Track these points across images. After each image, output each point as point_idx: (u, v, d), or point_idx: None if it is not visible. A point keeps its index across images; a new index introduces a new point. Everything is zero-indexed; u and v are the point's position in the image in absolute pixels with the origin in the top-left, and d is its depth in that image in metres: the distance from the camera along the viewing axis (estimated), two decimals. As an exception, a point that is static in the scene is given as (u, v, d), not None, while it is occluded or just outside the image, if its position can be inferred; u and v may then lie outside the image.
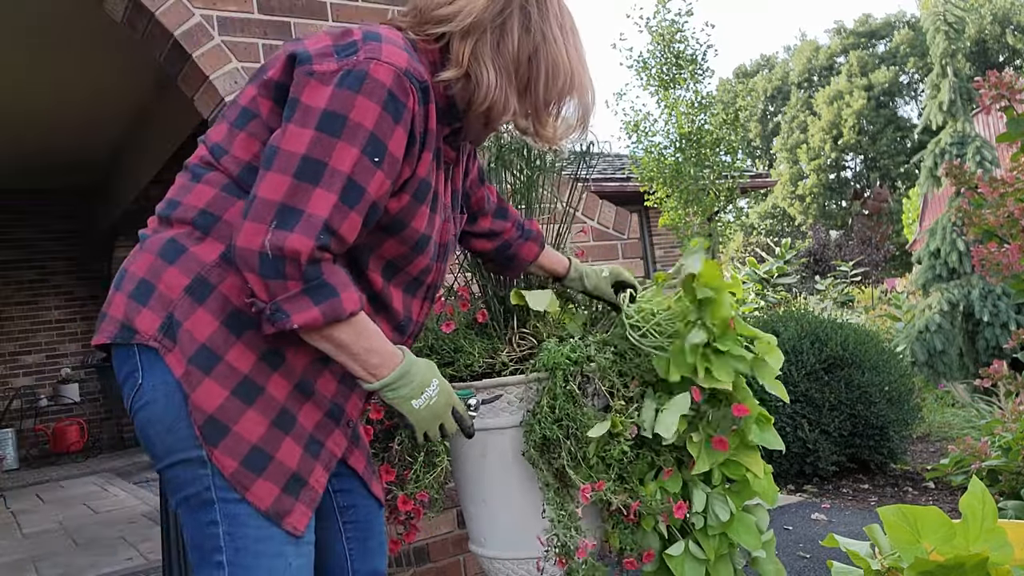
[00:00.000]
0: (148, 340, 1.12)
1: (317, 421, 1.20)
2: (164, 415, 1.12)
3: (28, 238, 8.22)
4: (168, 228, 1.19)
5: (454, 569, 2.49)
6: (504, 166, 1.92)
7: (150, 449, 1.15)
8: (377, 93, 1.10)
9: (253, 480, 1.12)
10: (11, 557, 3.83)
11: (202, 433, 1.10)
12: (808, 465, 3.75)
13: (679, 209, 9.74)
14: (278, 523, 1.13)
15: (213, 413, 1.10)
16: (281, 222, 1.05)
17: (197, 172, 1.20)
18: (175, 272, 1.14)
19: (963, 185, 3.27)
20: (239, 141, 1.18)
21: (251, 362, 1.13)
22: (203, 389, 1.11)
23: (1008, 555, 1.39)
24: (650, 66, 10.22)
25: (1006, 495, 3.01)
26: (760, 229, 36.83)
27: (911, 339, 6.55)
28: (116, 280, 1.20)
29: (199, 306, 1.12)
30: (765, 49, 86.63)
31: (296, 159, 1.07)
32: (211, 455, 1.10)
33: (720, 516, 1.59)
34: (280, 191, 1.06)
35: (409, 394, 1.20)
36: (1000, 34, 35.18)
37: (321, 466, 1.20)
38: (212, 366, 1.11)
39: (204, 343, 1.11)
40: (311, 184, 1.07)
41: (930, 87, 7.30)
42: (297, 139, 1.08)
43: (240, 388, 1.12)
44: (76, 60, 5.08)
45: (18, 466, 7.55)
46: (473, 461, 1.69)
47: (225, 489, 1.11)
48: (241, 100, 1.21)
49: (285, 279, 1.06)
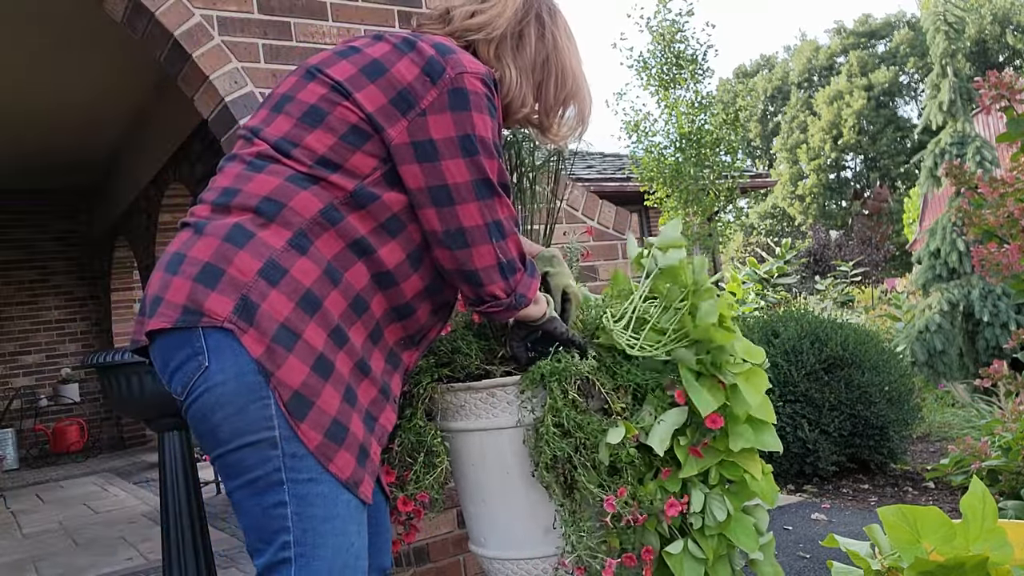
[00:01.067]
0: (222, 322, 1.13)
1: (373, 397, 1.27)
2: (235, 396, 1.13)
3: (28, 238, 8.22)
4: (227, 215, 1.21)
5: (454, 569, 2.49)
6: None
7: (213, 433, 1.15)
8: (481, 104, 1.27)
9: (336, 451, 1.17)
10: (11, 557, 3.83)
11: (288, 408, 1.13)
12: (808, 465, 3.75)
13: (679, 209, 9.73)
14: (355, 492, 1.19)
15: (298, 388, 1.14)
16: (498, 235, 1.31)
17: (256, 163, 1.25)
18: (246, 256, 1.17)
19: (963, 185, 3.27)
20: (312, 136, 1.24)
21: (323, 340, 1.18)
22: (288, 365, 1.14)
23: (1008, 555, 1.39)
24: (650, 66, 10.22)
25: (1006, 495, 3.01)
26: (760, 229, 36.84)
27: (911, 339, 6.55)
28: (169, 265, 1.20)
29: (273, 288, 1.16)
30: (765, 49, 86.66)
31: (469, 186, 1.27)
32: (297, 429, 1.14)
33: (717, 516, 1.59)
34: (478, 215, 1.28)
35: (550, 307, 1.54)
36: (1000, 34, 35.18)
37: (376, 440, 1.27)
38: (293, 344, 1.15)
39: (283, 323, 1.15)
40: (489, 199, 1.29)
41: (930, 87, 7.30)
42: (457, 170, 1.25)
43: (318, 364, 1.17)
44: (76, 60, 5.08)
45: (18, 466, 7.55)
46: (472, 461, 1.69)
47: (296, 470, 1.14)
48: (303, 97, 1.27)
49: (516, 272, 1.35)
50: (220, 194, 1.24)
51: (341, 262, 1.23)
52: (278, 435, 1.13)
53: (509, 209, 1.32)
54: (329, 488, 1.16)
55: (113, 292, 7.93)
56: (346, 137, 1.23)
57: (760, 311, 6.88)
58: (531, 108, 1.47)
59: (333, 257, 1.22)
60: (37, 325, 8.15)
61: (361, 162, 1.23)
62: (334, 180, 1.22)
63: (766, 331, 4.03)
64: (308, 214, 1.20)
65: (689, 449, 1.58)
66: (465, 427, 1.67)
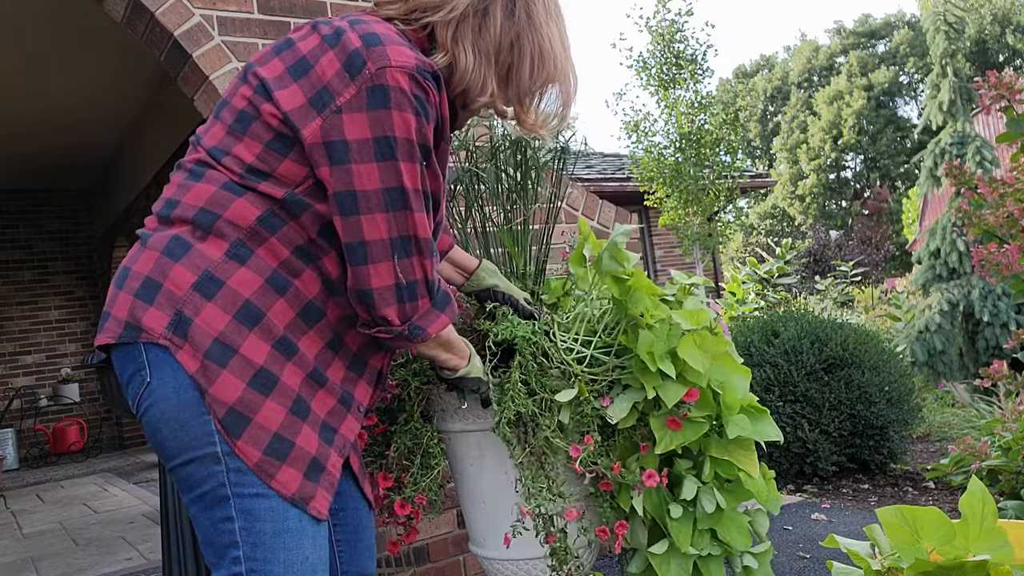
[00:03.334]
0: (157, 338, 1.12)
1: (330, 408, 1.22)
2: (176, 413, 1.12)
3: (28, 238, 8.22)
4: (169, 227, 1.19)
5: (454, 569, 2.49)
6: (497, 165, 1.91)
7: (161, 448, 1.15)
8: (405, 102, 1.14)
9: (278, 467, 1.14)
10: (11, 557, 3.83)
11: (223, 426, 1.11)
12: (808, 465, 3.75)
13: (679, 209, 9.74)
14: (304, 507, 1.15)
15: (233, 405, 1.12)
16: (403, 252, 1.16)
17: (195, 171, 1.21)
18: (181, 269, 1.14)
19: (963, 185, 3.27)
20: (240, 144, 1.19)
21: (264, 353, 1.15)
22: (221, 382, 1.11)
23: (1008, 555, 1.39)
24: (650, 66, 10.22)
25: (1006, 495, 3.01)
26: (760, 229, 36.85)
27: (911, 339, 6.55)
28: (118, 279, 1.19)
29: (208, 302, 1.13)
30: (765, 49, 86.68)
31: (379, 195, 1.14)
32: (234, 446, 1.11)
33: (706, 508, 1.57)
34: (383, 228, 1.15)
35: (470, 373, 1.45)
36: (1000, 34, 35.18)
37: (335, 452, 1.22)
38: (227, 359, 1.12)
39: (217, 337, 1.12)
40: (400, 210, 1.16)
41: (930, 87, 7.30)
42: (368, 176, 1.14)
43: (256, 379, 1.13)
44: (76, 60, 5.08)
45: (18, 466, 7.55)
46: (471, 462, 1.69)
47: (241, 484, 1.12)
48: (235, 102, 1.21)
49: (418, 299, 1.19)
50: (164, 205, 1.22)
51: (289, 269, 1.18)
52: (220, 450, 1.12)
53: (425, 227, 1.18)
54: (277, 502, 1.14)
55: (113, 292, 7.92)
56: (271, 144, 1.17)
57: (760, 311, 6.88)
58: (493, 95, 1.30)
59: (280, 264, 1.17)
60: (37, 325, 8.15)
61: (289, 170, 1.16)
62: (263, 189, 1.17)
63: (766, 331, 4.03)
64: (245, 223, 1.16)
65: (667, 421, 1.55)
66: (463, 428, 1.67)
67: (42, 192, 8.25)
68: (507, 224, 1.89)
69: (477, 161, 1.93)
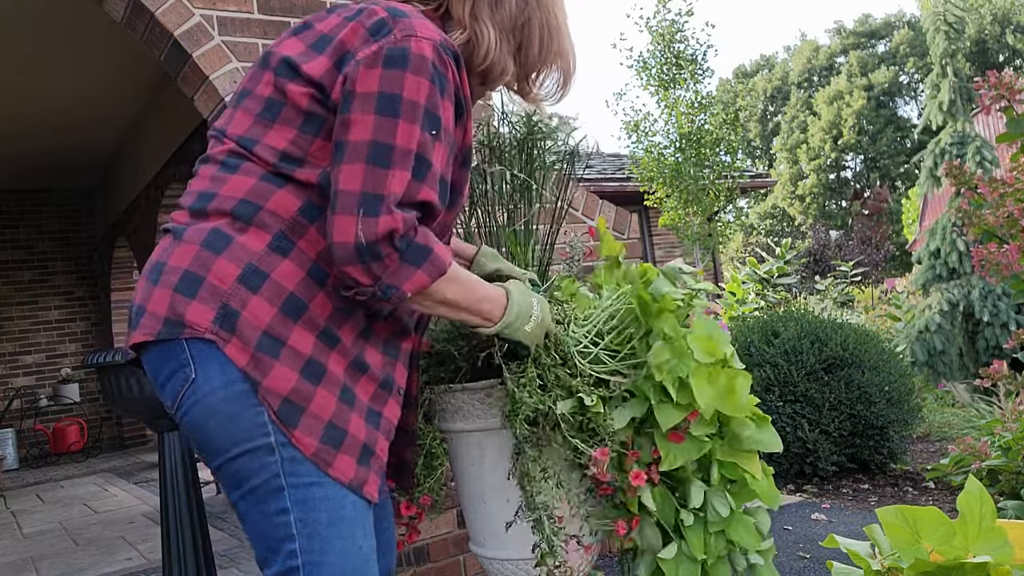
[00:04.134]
0: (203, 332, 1.10)
1: (372, 393, 1.22)
2: (225, 405, 1.10)
3: (28, 238, 8.22)
4: (205, 219, 1.17)
5: (454, 569, 2.49)
6: (504, 165, 1.91)
7: (210, 443, 1.13)
8: (424, 69, 1.12)
9: (334, 455, 1.14)
10: (11, 557, 3.83)
11: (279, 417, 1.11)
12: (808, 465, 3.75)
13: (679, 209, 9.74)
14: (360, 492, 1.16)
15: (288, 395, 1.11)
16: (368, 209, 1.08)
17: (229, 163, 1.19)
18: (224, 262, 1.13)
19: (963, 185, 3.27)
20: (271, 131, 1.17)
21: (311, 344, 1.14)
22: (275, 373, 1.11)
23: (1008, 555, 1.39)
24: (650, 66, 10.22)
25: (1006, 495, 3.01)
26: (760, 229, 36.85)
27: (911, 339, 6.55)
28: (151, 274, 1.17)
29: (254, 295, 1.12)
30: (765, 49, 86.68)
31: (365, 146, 1.10)
32: (292, 436, 1.11)
33: (720, 512, 1.57)
34: (358, 180, 1.09)
35: (521, 324, 1.35)
36: (1000, 34, 35.18)
37: (383, 436, 1.23)
38: (278, 351, 1.12)
39: (265, 330, 1.12)
40: (384, 167, 1.09)
41: (930, 87, 7.30)
42: (361, 127, 1.10)
43: (307, 369, 1.13)
44: (75, 60, 5.08)
45: (18, 466, 7.55)
46: (472, 461, 1.69)
47: (295, 474, 1.11)
48: (260, 90, 1.20)
49: (383, 257, 1.09)
50: (196, 198, 1.19)
51: (326, 260, 1.16)
52: (274, 440, 1.11)
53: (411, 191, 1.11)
54: (333, 491, 1.13)
55: (113, 292, 7.93)
56: (304, 128, 1.16)
57: (760, 311, 6.88)
58: (512, 74, 1.34)
59: (318, 256, 1.16)
60: (37, 325, 8.15)
61: (322, 148, 1.16)
62: (300, 176, 1.15)
63: (766, 331, 4.03)
64: (287, 214, 1.15)
65: (669, 435, 1.55)
66: (464, 428, 1.67)
67: (42, 192, 8.25)
68: (510, 225, 1.89)
69: (482, 160, 1.93)
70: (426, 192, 1.13)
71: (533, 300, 1.39)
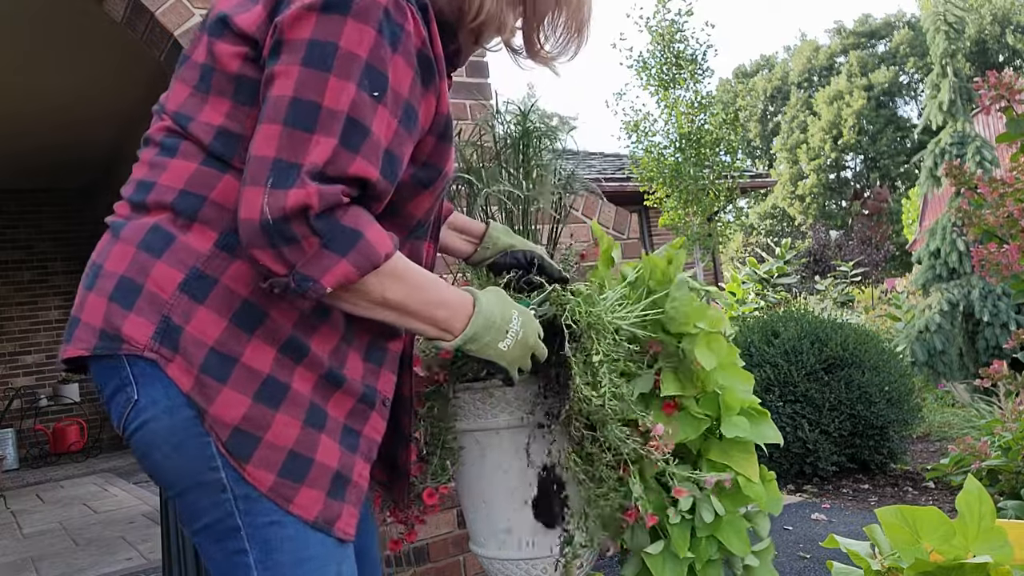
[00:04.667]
0: (142, 350, 0.95)
1: (350, 409, 1.05)
2: (170, 435, 0.95)
3: (28, 238, 8.22)
4: (144, 214, 1.00)
5: (454, 569, 2.49)
6: (502, 165, 1.91)
7: (157, 474, 0.99)
8: (371, 15, 0.91)
9: (296, 489, 0.97)
10: (11, 557, 3.83)
11: (228, 449, 0.95)
12: (808, 465, 3.75)
13: (679, 209, 9.74)
14: (329, 530, 0.99)
15: (238, 424, 0.95)
16: (278, 179, 0.87)
17: (168, 145, 1.01)
18: (164, 267, 0.96)
19: (963, 185, 3.27)
20: (207, 105, 0.99)
21: (270, 360, 0.98)
22: (223, 399, 0.95)
23: (1008, 555, 1.39)
24: (650, 66, 10.23)
25: (1006, 495, 3.01)
26: (760, 229, 36.85)
27: (911, 339, 6.55)
28: (87, 278, 1.01)
29: (199, 305, 0.96)
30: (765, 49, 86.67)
31: (285, 104, 0.89)
32: (243, 472, 0.95)
33: (705, 518, 1.57)
34: (273, 145, 0.89)
35: (493, 339, 1.08)
36: (1000, 34, 35.19)
37: (362, 458, 1.06)
38: (228, 372, 0.96)
39: (212, 347, 0.95)
40: (305, 131, 0.89)
41: (930, 87, 7.30)
42: (284, 82, 0.90)
43: (263, 391, 0.97)
44: (74, 60, 5.08)
45: (18, 466, 7.55)
46: (472, 461, 1.69)
47: (252, 513, 0.96)
48: (196, 55, 1.02)
49: (298, 241, 0.88)
50: (135, 188, 1.02)
51: None
52: (225, 477, 0.95)
53: (337, 161, 0.89)
54: (296, 530, 0.97)
55: (113, 292, 7.93)
56: (237, 97, 0.98)
57: (760, 311, 6.88)
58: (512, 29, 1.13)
59: None
60: (37, 325, 8.16)
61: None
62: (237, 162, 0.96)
63: (766, 331, 4.03)
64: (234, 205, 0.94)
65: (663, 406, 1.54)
66: (465, 427, 1.67)
67: (41, 192, 8.25)
68: (510, 225, 1.89)
69: (483, 160, 1.93)
70: (360, 165, 0.91)
71: (513, 312, 1.12)
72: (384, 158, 0.94)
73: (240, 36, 0.98)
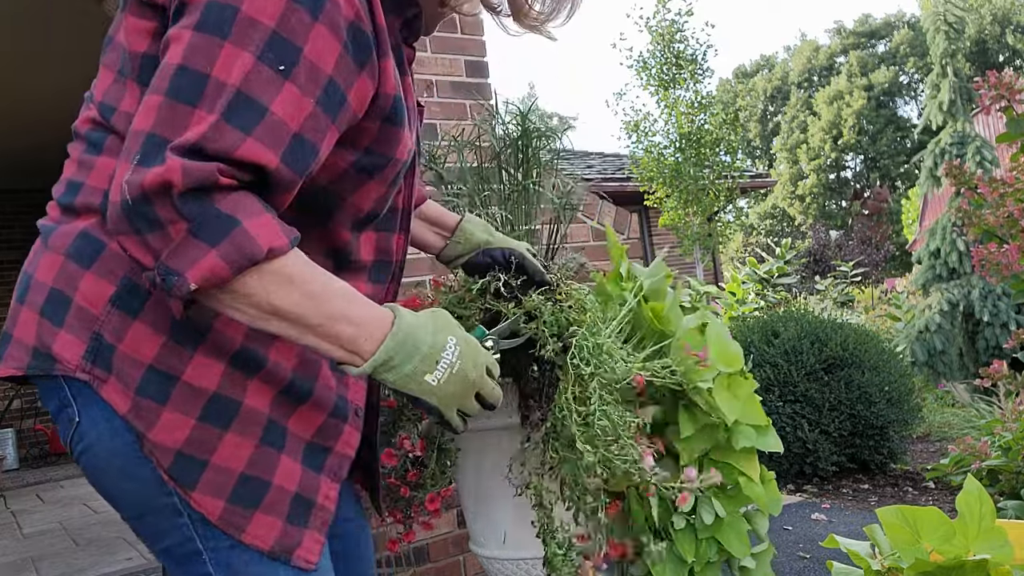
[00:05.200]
0: (74, 371, 0.86)
1: (319, 425, 0.95)
2: (115, 459, 0.87)
3: (23, 239, 8.22)
4: (74, 218, 0.90)
5: (454, 569, 2.49)
6: (501, 165, 1.91)
7: (110, 500, 0.92)
8: None
9: (248, 518, 0.88)
10: (11, 557, 3.83)
11: (172, 476, 0.86)
12: (808, 465, 3.75)
13: (679, 209, 9.75)
14: (287, 560, 0.91)
15: (180, 449, 0.86)
16: (145, 156, 0.75)
17: (93, 139, 0.92)
18: (93, 279, 0.87)
19: (963, 185, 3.27)
20: (127, 92, 0.89)
21: (218, 375, 0.88)
22: (162, 424, 0.86)
23: (1008, 555, 1.39)
24: (650, 66, 10.24)
25: (1006, 495, 3.01)
26: (760, 229, 36.86)
27: (911, 339, 6.55)
28: (19, 288, 0.92)
29: (133, 320, 0.86)
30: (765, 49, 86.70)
31: (170, 73, 0.77)
32: (190, 500, 0.86)
33: (705, 520, 1.57)
34: (151, 117, 0.76)
35: (417, 369, 0.87)
36: (1000, 34, 35.21)
37: (329, 478, 0.97)
38: (167, 392, 0.86)
39: (151, 365, 0.86)
40: (188, 103, 0.76)
41: (930, 87, 7.31)
42: (176, 48, 0.78)
43: (210, 410, 0.87)
44: (72, 59, 5.08)
45: (18, 466, 7.55)
46: (472, 461, 1.69)
47: (212, 537, 0.88)
48: (119, 36, 0.91)
49: (163, 226, 0.74)
50: (65, 189, 0.93)
51: None
52: (177, 501, 0.87)
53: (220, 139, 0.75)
54: (251, 555, 0.89)
55: (113, 292, 7.94)
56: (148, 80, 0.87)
57: (760, 311, 6.88)
58: None
59: None
60: (37, 325, 8.16)
61: None
62: None
63: (766, 331, 4.03)
64: None
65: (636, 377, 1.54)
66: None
67: (38, 192, 8.21)
68: (510, 226, 1.89)
69: (483, 160, 1.93)
70: (250, 148, 0.76)
71: (448, 339, 0.90)
72: (291, 143, 0.79)
73: (148, 5, 0.87)
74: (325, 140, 0.83)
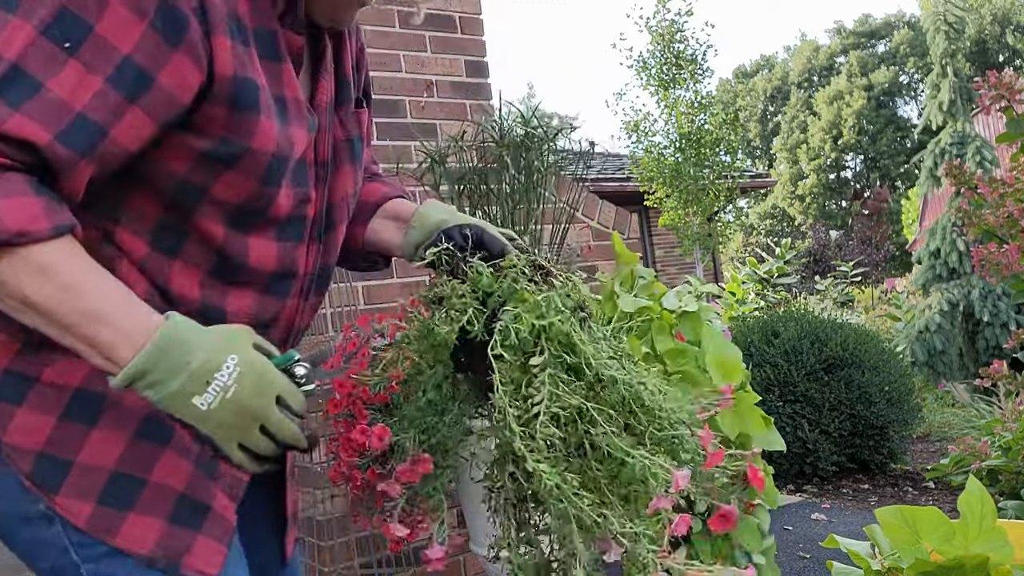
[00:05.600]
0: None
1: None
2: None
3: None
4: None
5: (454, 569, 2.49)
6: (504, 166, 1.91)
7: None
8: None
9: (121, 518, 0.80)
10: (11, 557, 3.83)
11: (34, 481, 0.79)
12: (808, 465, 3.75)
13: (679, 209, 9.75)
14: (174, 566, 0.81)
15: (42, 450, 0.79)
16: None
17: None
18: None
19: (963, 185, 3.27)
20: None
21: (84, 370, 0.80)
22: (17, 424, 0.79)
23: (1008, 555, 1.39)
24: (650, 66, 10.25)
25: (1006, 495, 3.01)
26: (760, 229, 36.86)
27: (911, 339, 6.55)
28: None
29: None
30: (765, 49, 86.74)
31: None
32: (54, 505, 0.79)
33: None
34: None
35: (185, 388, 0.74)
36: (1000, 34, 35.21)
37: (224, 492, 0.87)
38: (23, 391, 0.80)
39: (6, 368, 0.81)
40: None
41: (930, 87, 7.31)
42: None
43: (74, 407, 0.80)
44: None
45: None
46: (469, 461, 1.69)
47: (87, 545, 0.80)
48: None
49: None
50: None
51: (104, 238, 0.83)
52: (44, 507, 0.79)
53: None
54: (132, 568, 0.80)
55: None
56: None
57: (760, 311, 6.88)
58: None
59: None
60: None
61: None
62: None
63: (766, 331, 4.03)
64: None
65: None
66: (465, 427, 1.67)
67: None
68: (511, 227, 1.89)
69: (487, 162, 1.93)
70: (19, 123, 0.71)
71: (227, 358, 0.76)
72: (73, 123, 0.73)
73: None
74: (121, 121, 0.76)
